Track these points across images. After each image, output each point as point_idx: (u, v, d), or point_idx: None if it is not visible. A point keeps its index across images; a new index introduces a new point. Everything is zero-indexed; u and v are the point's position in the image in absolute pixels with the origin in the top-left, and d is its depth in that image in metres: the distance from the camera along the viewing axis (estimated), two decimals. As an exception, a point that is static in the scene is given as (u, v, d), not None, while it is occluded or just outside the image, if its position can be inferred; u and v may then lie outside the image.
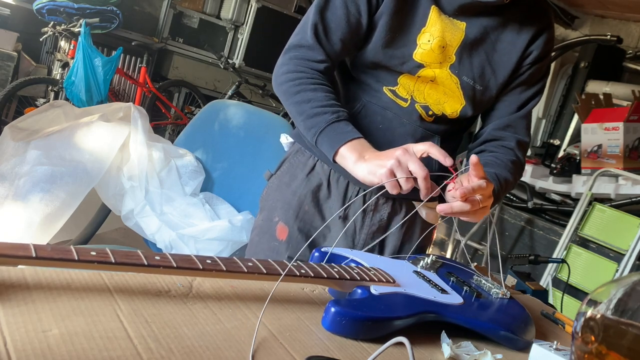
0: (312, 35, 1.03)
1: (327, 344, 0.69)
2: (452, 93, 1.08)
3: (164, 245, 1.86)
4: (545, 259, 1.90)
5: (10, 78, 3.99)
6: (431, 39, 1.04)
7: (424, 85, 1.08)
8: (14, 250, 0.57)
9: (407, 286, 0.85)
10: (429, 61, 1.05)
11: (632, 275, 0.63)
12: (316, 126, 0.99)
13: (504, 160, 1.10)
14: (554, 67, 4.31)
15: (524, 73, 1.10)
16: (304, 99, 1.01)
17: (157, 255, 0.67)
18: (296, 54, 1.05)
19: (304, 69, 1.04)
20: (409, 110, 1.09)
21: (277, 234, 1.18)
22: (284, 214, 1.18)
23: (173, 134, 4.93)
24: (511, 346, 0.84)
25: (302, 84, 1.02)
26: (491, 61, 1.07)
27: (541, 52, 1.09)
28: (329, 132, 0.98)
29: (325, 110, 0.99)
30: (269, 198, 1.23)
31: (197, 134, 2.14)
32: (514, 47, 1.07)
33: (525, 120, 1.13)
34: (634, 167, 3.21)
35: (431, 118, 1.11)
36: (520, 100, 1.12)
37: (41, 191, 1.80)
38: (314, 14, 1.04)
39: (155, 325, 0.60)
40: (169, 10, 4.89)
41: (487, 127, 1.15)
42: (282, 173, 1.22)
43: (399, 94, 1.09)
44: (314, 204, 1.16)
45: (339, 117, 0.99)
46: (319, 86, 1.02)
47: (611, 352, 0.59)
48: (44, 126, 2.05)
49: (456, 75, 1.06)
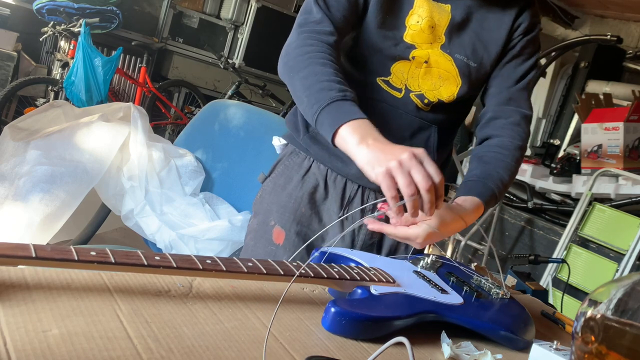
0: (318, 9, 1.01)
1: (327, 344, 0.69)
2: (448, 74, 1.07)
3: (164, 245, 1.86)
4: (545, 259, 1.90)
5: (10, 78, 3.99)
6: (420, 19, 1.04)
7: (418, 71, 1.07)
8: (14, 250, 0.57)
9: (407, 286, 0.85)
10: (420, 41, 1.05)
11: (632, 275, 0.63)
12: (319, 102, 0.90)
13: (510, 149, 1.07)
14: (554, 67, 4.30)
15: (516, 45, 1.10)
16: (311, 72, 0.94)
17: (157, 255, 0.67)
18: (305, 29, 1.01)
19: (313, 42, 0.98)
20: (403, 101, 1.08)
21: (274, 238, 1.16)
22: (280, 218, 1.16)
23: (173, 134, 4.93)
24: (511, 346, 0.84)
25: (311, 58, 0.95)
26: (481, 38, 1.08)
27: (529, 24, 1.10)
28: (331, 109, 0.90)
29: (332, 87, 0.91)
30: (263, 201, 1.20)
31: (197, 134, 2.14)
32: (501, 23, 1.08)
33: (525, 92, 1.13)
34: (634, 167, 3.21)
35: (427, 107, 1.09)
36: (517, 74, 1.12)
37: (41, 191, 1.80)
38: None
39: (155, 325, 0.60)
40: (169, 10, 4.89)
41: (490, 104, 1.14)
42: (276, 176, 1.20)
43: (392, 84, 1.08)
44: (310, 205, 1.14)
45: (345, 96, 0.91)
46: (329, 62, 0.95)
47: (611, 352, 0.59)
48: (44, 126, 2.05)
49: (449, 54, 1.06)
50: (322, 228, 1.10)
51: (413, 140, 1.11)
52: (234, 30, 5.30)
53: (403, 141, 1.02)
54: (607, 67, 4.15)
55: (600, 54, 4.12)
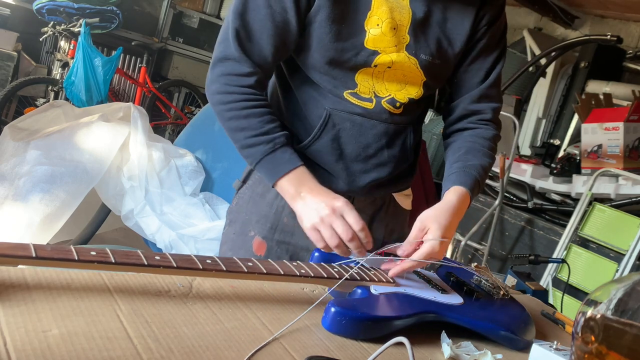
0: (235, 45, 0.96)
1: (327, 344, 0.69)
2: (411, 74, 1.03)
3: (164, 245, 1.86)
4: (545, 259, 1.90)
5: (10, 78, 3.99)
6: (380, 22, 0.98)
7: (382, 74, 1.03)
8: (14, 250, 0.57)
9: (407, 286, 0.85)
10: (383, 46, 0.99)
11: (632, 275, 0.64)
12: (252, 157, 0.98)
13: (486, 137, 1.09)
14: (554, 67, 4.30)
15: (483, 37, 1.06)
16: (237, 127, 0.98)
17: (157, 255, 0.67)
18: (222, 69, 0.99)
19: (233, 88, 0.98)
20: (376, 111, 1.05)
21: (254, 249, 1.12)
22: (260, 228, 1.11)
23: (173, 134, 4.93)
24: (511, 346, 0.84)
25: (232, 109, 0.98)
26: (445, 31, 1.03)
27: (494, 13, 1.05)
28: (265, 164, 0.97)
29: (260, 140, 0.97)
30: (240, 210, 1.15)
31: (197, 134, 2.14)
32: (465, 13, 1.03)
33: (496, 87, 1.11)
34: (634, 167, 3.21)
35: (399, 109, 1.06)
36: (486, 66, 1.09)
37: (41, 191, 1.80)
38: (233, 19, 0.96)
39: (155, 325, 0.60)
40: (169, 10, 4.89)
41: (461, 102, 1.11)
42: (253, 183, 1.14)
43: (361, 96, 1.04)
44: (292, 215, 1.03)
45: (274, 145, 0.96)
46: (251, 110, 0.97)
47: (611, 352, 0.59)
48: (44, 126, 2.05)
49: (414, 56, 1.01)
50: (306, 238, 1.00)
51: (391, 147, 1.08)
52: (234, 30, 5.30)
53: (381, 149, 1.07)
54: (607, 67, 4.15)
55: (600, 54, 4.11)
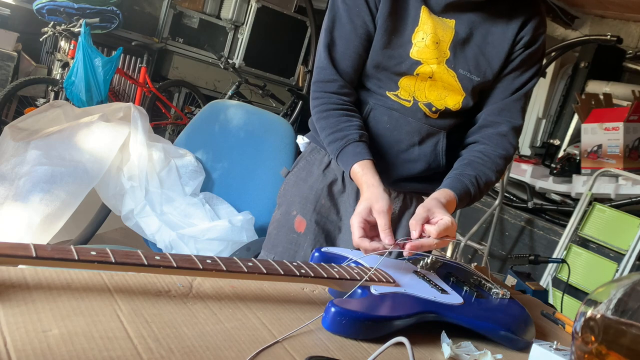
0: (325, 55, 1.14)
1: (327, 344, 0.69)
2: (451, 87, 1.13)
3: (164, 245, 1.86)
4: (545, 259, 1.90)
5: (10, 78, 3.99)
6: (425, 36, 1.10)
7: (423, 84, 1.14)
8: (14, 250, 0.57)
9: (407, 286, 0.85)
10: (426, 57, 1.11)
11: (632, 275, 0.64)
12: (332, 152, 1.14)
13: (492, 157, 1.13)
14: (554, 67, 4.30)
15: (517, 58, 1.14)
16: (320, 126, 1.16)
17: (157, 255, 0.67)
18: (315, 77, 1.17)
19: (318, 94, 1.16)
20: (413, 109, 1.16)
21: (296, 226, 1.26)
22: (301, 208, 1.26)
23: (173, 134, 4.93)
24: (511, 346, 0.84)
25: (317, 112, 1.16)
26: (484, 52, 1.12)
27: (532, 37, 1.13)
28: (341, 157, 1.11)
29: (335, 137, 1.11)
30: (287, 194, 1.31)
31: (197, 134, 2.14)
32: (504, 36, 1.12)
33: (519, 102, 1.16)
34: (634, 167, 3.21)
35: (435, 114, 1.16)
36: (514, 86, 1.16)
37: (41, 191, 1.80)
38: (324, 37, 1.14)
39: (155, 325, 0.60)
40: (169, 10, 4.89)
41: (483, 112, 1.18)
42: (299, 170, 1.31)
43: (401, 97, 1.16)
44: (329, 197, 1.25)
45: (347, 141, 1.10)
46: (330, 112, 1.14)
47: (611, 352, 0.59)
48: (44, 126, 2.05)
49: (453, 70, 1.12)
50: (339, 219, 1.24)
51: (422, 145, 1.17)
52: (234, 31, 5.30)
53: (413, 146, 1.17)
54: (607, 67, 4.16)
55: (600, 54, 4.12)
